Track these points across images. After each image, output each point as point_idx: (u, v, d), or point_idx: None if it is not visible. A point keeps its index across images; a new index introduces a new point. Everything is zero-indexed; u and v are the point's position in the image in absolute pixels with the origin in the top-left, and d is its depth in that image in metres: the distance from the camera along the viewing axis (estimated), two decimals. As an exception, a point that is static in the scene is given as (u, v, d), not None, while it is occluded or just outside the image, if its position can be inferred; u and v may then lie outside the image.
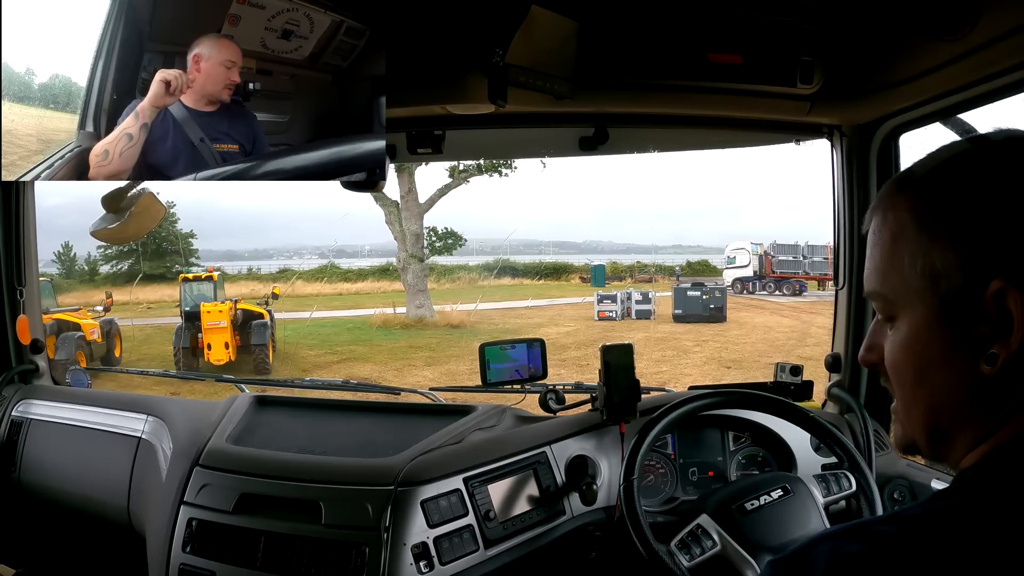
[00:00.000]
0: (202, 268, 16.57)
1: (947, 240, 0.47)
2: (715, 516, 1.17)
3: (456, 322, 13.88)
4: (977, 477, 0.46)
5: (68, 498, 1.58)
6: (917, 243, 0.48)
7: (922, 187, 0.49)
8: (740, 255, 19.52)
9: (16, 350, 1.77)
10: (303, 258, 38.91)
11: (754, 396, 1.32)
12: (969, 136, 0.49)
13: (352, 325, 14.24)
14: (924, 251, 0.47)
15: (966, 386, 0.47)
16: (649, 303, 14.56)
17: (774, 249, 18.60)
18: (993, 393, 0.46)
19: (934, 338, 0.48)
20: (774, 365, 1.57)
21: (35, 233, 1.77)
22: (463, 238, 16.86)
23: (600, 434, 1.37)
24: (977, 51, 0.95)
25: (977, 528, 0.41)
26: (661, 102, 1.28)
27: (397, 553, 1.08)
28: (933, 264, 0.47)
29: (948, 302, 0.47)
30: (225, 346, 9.67)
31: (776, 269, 18.35)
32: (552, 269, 27.81)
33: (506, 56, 1.02)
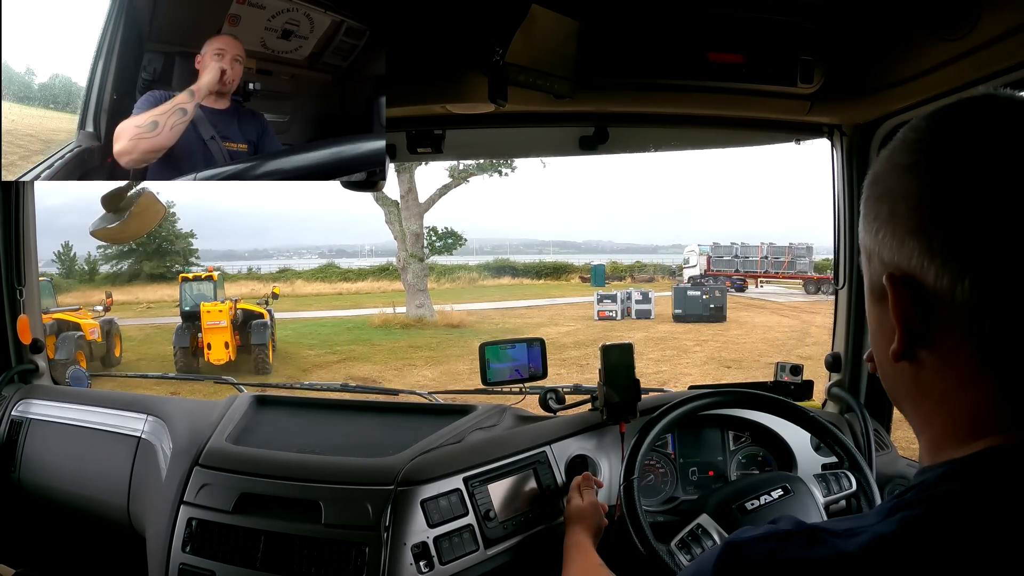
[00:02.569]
0: (202, 268, 16.58)
1: (865, 230, 0.49)
2: (715, 516, 1.17)
3: (456, 322, 13.89)
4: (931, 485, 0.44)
5: (68, 498, 1.58)
6: (863, 233, 0.50)
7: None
8: (692, 256, 22.04)
9: (16, 350, 1.77)
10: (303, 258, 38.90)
11: (754, 396, 1.32)
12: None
13: (352, 325, 14.24)
14: (865, 241, 0.49)
15: (908, 383, 0.48)
16: (649, 303, 14.57)
17: (714, 251, 21.12)
18: (923, 390, 0.47)
19: (876, 332, 0.50)
20: (774, 365, 1.58)
21: (35, 233, 1.77)
22: (463, 238, 16.85)
23: (600, 434, 1.37)
24: (978, 50, 0.95)
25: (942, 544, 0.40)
26: (661, 101, 1.27)
27: (397, 553, 1.08)
28: (867, 253, 0.49)
29: (873, 293, 0.49)
30: (225, 346, 9.67)
31: (714, 268, 20.62)
32: (552, 269, 27.86)
33: (506, 55, 1.02)
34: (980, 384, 0.43)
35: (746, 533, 0.46)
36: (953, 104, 0.46)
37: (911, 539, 0.40)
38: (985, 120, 0.44)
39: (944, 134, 0.45)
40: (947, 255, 0.42)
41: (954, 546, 0.39)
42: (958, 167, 0.43)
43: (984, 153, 0.42)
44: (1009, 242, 0.40)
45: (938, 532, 0.40)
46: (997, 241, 0.41)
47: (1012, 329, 0.41)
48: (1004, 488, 0.40)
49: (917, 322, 0.44)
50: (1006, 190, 0.41)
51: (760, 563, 0.44)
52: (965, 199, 0.42)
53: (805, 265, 19.31)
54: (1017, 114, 0.44)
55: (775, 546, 0.44)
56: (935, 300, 0.43)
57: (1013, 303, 0.41)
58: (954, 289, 0.42)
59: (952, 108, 0.46)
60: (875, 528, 0.42)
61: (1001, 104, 0.45)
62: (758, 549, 0.45)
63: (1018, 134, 0.43)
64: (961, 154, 0.43)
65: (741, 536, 0.47)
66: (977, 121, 0.44)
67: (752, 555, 0.45)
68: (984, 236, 0.41)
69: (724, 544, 0.47)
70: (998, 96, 0.46)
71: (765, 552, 0.44)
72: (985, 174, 0.42)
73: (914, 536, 0.40)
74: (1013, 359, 0.42)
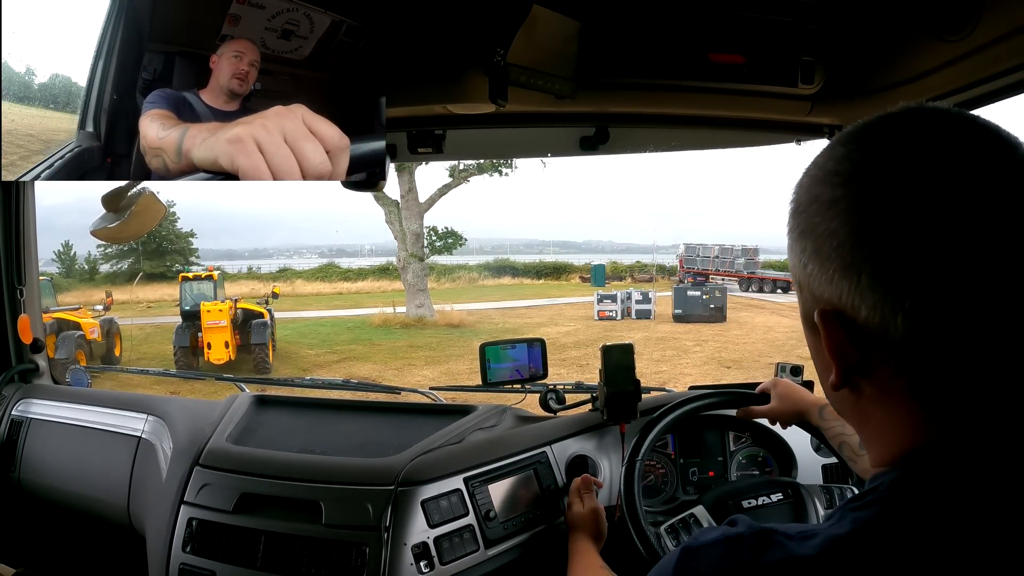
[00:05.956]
0: (202, 267, 16.56)
1: (794, 259, 0.48)
2: (711, 509, 1.18)
3: (456, 321, 13.89)
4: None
5: (68, 498, 1.58)
6: (792, 260, 0.49)
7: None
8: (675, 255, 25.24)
9: (16, 349, 1.77)
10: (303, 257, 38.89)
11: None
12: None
13: (352, 324, 14.25)
14: (795, 270, 0.49)
15: (850, 407, 0.48)
16: (649, 303, 14.57)
17: (686, 251, 23.81)
18: (864, 415, 0.47)
19: (815, 360, 0.50)
20: (774, 365, 1.57)
21: (35, 232, 1.77)
22: (463, 237, 16.84)
23: (600, 434, 1.37)
24: (979, 51, 0.94)
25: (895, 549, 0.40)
26: (662, 102, 1.27)
27: (397, 553, 1.08)
28: (798, 283, 0.49)
29: (807, 322, 0.49)
30: (225, 345, 9.67)
31: (686, 266, 23.25)
32: (552, 268, 27.87)
33: (507, 55, 1.02)
34: (915, 415, 0.43)
35: (701, 537, 0.46)
36: (872, 124, 0.44)
37: (864, 539, 0.40)
38: (908, 142, 0.41)
39: (864, 164, 0.42)
40: (878, 292, 0.41)
41: (906, 545, 0.39)
42: (882, 201, 0.40)
43: (909, 181, 0.40)
44: (944, 276, 0.39)
45: (890, 531, 0.40)
46: (931, 276, 0.39)
47: (944, 364, 0.40)
48: (939, 486, 0.41)
49: (853, 356, 0.44)
50: (936, 220, 0.39)
51: (713, 568, 0.44)
52: (893, 235, 0.40)
53: (740, 265, 21.42)
54: (943, 131, 0.42)
55: (727, 550, 0.44)
56: (868, 334, 0.42)
57: (946, 338, 0.40)
58: (887, 326, 0.41)
59: (871, 129, 0.44)
60: (829, 531, 0.42)
61: (925, 120, 0.42)
62: (711, 553, 0.45)
63: (944, 154, 0.40)
64: (884, 186, 0.41)
65: (697, 540, 0.47)
66: (899, 145, 0.42)
67: (706, 559, 0.45)
68: (916, 272, 0.39)
69: (681, 549, 0.47)
70: (921, 110, 0.43)
71: (718, 556, 0.44)
72: (912, 205, 0.39)
73: (867, 536, 0.40)
74: (944, 394, 0.41)
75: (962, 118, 0.42)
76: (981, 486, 0.40)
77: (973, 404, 0.41)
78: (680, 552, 0.46)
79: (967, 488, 0.40)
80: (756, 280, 20.56)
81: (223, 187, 2.69)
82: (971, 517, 0.39)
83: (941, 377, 0.41)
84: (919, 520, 0.40)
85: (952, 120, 0.42)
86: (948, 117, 0.42)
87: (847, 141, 0.45)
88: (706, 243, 23.11)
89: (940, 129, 0.42)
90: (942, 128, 0.42)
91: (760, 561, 0.42)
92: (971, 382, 0.41)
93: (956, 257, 0.38)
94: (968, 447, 0.41)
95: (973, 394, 0.41)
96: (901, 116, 0.43)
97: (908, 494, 0.41)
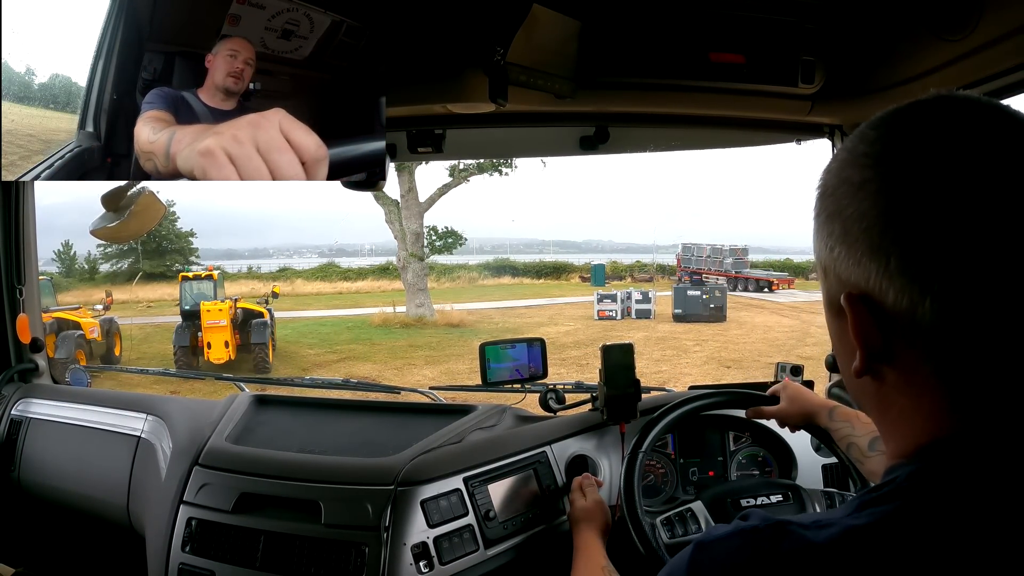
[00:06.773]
0: (202, 267, 16.57)
1: (820, 243, 0.48)
2: (708, 506, 1.18)
3: (456, 321, 13.89)
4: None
5: (67, 497, 1.58)
6: (818, 246, 0.49)
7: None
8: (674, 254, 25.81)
9: (16, 349, 1.77)
10: (303, 257, 38.88)
11: (755, 396, 1.32)
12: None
13: (352, 324, 14.25)
14: (820, 254, 0.49)
15: (871, 396, 0.48)
16: (649, 303, 14.58)
17: (683, 251, 24.31)
18: (886, 404, 0.46)
19: (837, 346, 0.50)
20: (774, 365, 1.58)
21: (35, 232, 1.77)
22: (463, 237, 16.84)
23: (600, 434, 1.37)
24: (979, 51, 0.94)
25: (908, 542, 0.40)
26: (662, 101, 1.27)
27: (397, 553, 1.08)
28: (823, 267, 0.49)
29: (831, 308, 0.49)
30: (225, 345, 9.67)
31: (683, 265, 23.73)
32: (552, 268, 27.87)
33: (507, 55, 1.01)
34: (938, 403, 0.43)
35: (714, 532, 0.46)
36: (904, 109, 0.44)
37: (884, 532, 0.40)
38: (940, 127, 0.42)
39: (896, 147, 0.43)
40: (907, 275, 0.41)
41: (926, 540, 0.39)
42: (913, 184, 0.41)
43: (941, 165, 0.40)
44: (974, 260, 0.39)
45: (910, 526, 0.40)
46: (960, 260, 0.39)
47: (971, 351, 0.40)
48: (960, 480, 0.41)
49: (878, 341, 0.43)
50: (967, 204, 0.39)
51: (731, 560, 0.43)
52: (923, 217, 0.40)
53: (728, 265, 21.85)
54: (974, 118, 0.42)
55: (744, 542, 0.44)
56: (895, 319, 0.42)
57: (974, 324, 0.40)
58: (915, 310, 0.41)
59: (903, 114, 0.44)
60: (845, 521, 0.42)
61: (956, 107, 0.42)
62: (727, 546, 0.44)
63: (976, 140, 0.40)
64: (915, 169, 0.41)
65: (710, 535, 0.46)
66: (931, 129, 0.42)
67: (722, 552, 0.44)
68: (946, 255, 0.39)
69: (694, 544, 0.46)
70: (953, 98, 0.43)
71: (734, 549, 0.44)
72: (943, 189, 0.40)
73: (887, 529, 0.40)
74: (970, 380, 0.41)
75: (992, 106, 0.42)
76: (1002, 481, 0.40)
77: (998, 392, 0.41)
78: (693, 547, 0.46)
79: (988, 483, 0.40)
80: (743, 279, 21.23)
81: (223, 187, 2.67)
82: (992, 513, 0.39)
83: (968, 363, 0.41)
84: (940, 515, 0.40)
85: (983, 107, 0.42)
86: (979, 104, 0.43)
87: (879, 125, 0.45)
88: (701, 243, 23.61)
89: (971, 115, 0.42)
90: (973, 114, 0.42)
91: (777, 550, 0.42)
92: (998, 369, 0.41)
93: (986, 241, 0.39)
94: (990, 439, 0.41)
95: (999, 382, 0.41)
96: (933, 102, 0.44)
97: (928, 488, 0.41)
